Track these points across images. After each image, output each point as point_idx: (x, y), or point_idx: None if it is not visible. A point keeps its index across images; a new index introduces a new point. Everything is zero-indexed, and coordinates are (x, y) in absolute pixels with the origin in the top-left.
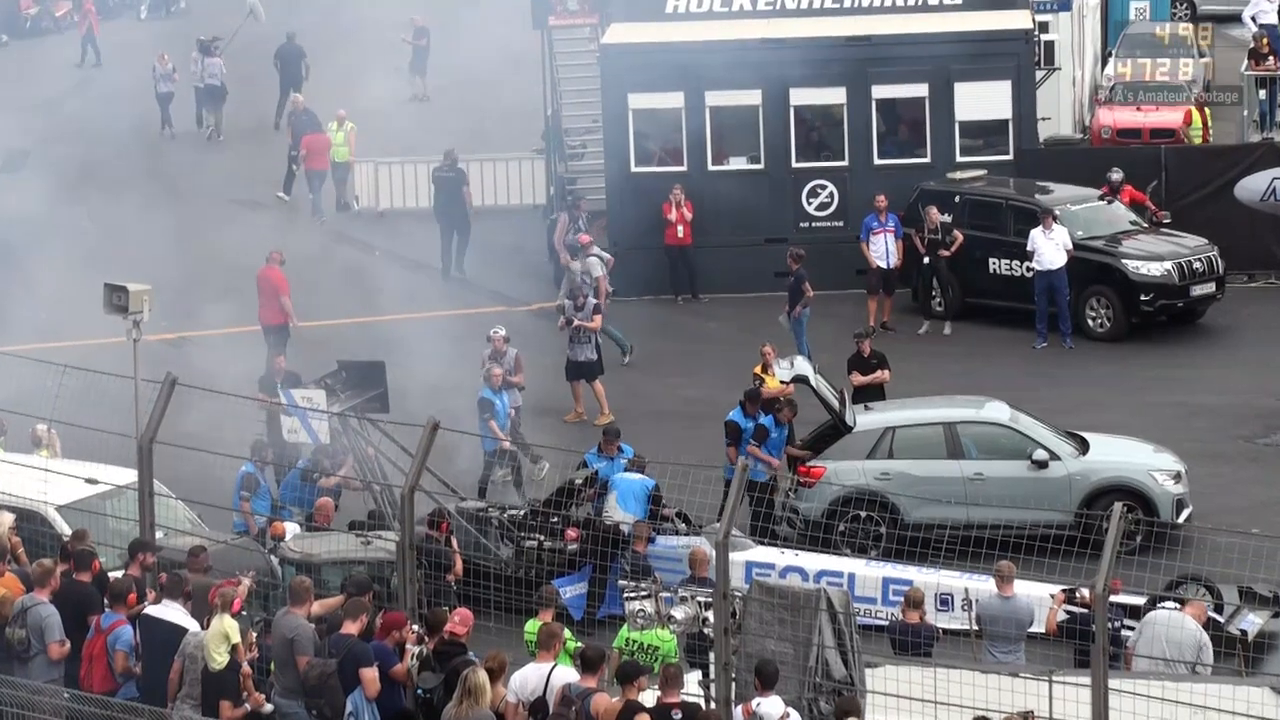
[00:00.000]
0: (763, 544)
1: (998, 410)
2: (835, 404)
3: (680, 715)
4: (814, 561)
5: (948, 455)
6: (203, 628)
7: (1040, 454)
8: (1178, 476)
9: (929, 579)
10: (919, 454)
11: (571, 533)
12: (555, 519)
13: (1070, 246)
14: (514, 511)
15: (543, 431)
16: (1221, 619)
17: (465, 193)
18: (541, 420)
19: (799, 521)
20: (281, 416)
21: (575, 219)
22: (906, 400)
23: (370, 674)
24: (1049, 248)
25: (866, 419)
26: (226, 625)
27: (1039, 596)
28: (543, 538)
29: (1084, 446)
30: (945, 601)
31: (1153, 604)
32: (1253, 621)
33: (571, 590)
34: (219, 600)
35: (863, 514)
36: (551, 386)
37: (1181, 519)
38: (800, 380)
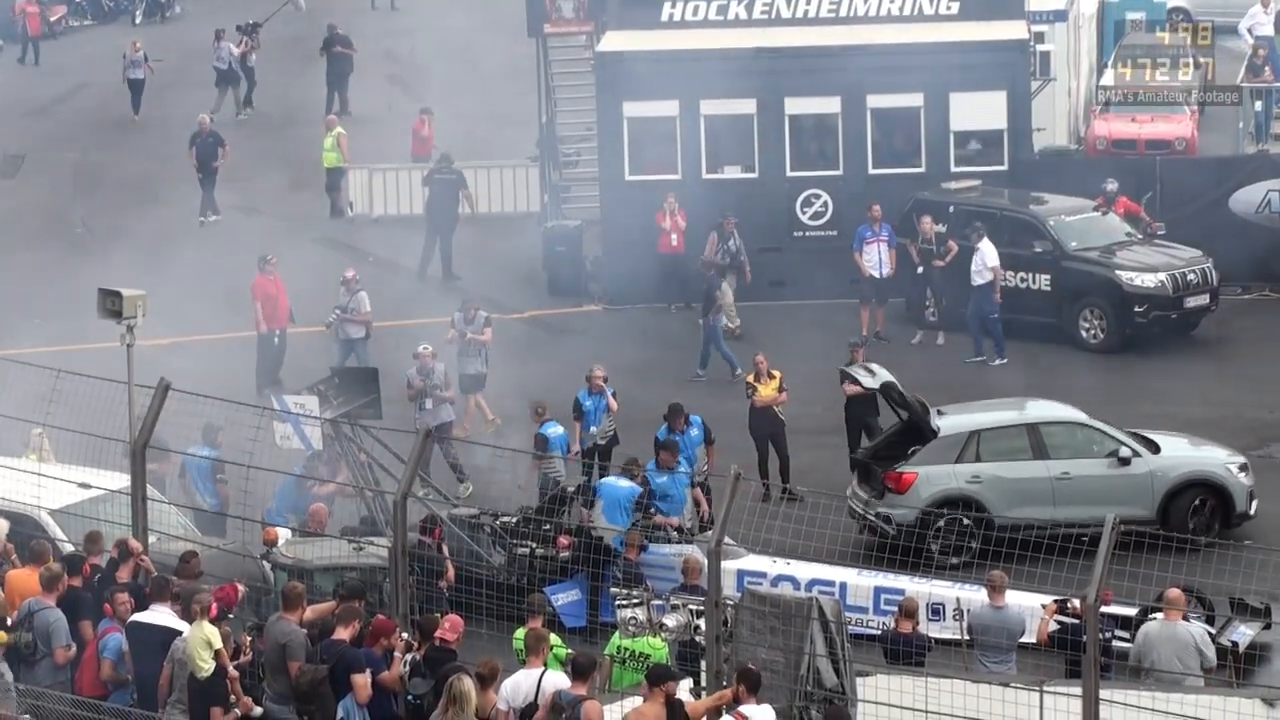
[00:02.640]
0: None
1: (1072, 410)
2: (920, 410)
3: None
4: (805, 570)
5: (1033, 456)
6: None
7: (1125, 451)
8: (1244, 468)
9: (920, 588)
10: (1006, 456)
11: (564, 540)
12: (547, 526)
13: (996, 264)
14: (506, 518)
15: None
16: (1210, 629)
17: (464, 195)
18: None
19: (892, 529)
20: (274, 422)
21: (725, 237)
22: (975, 404)
23: (362, 680)
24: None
25: (947, 423)
26: (206, 631)
27: (1030, 606)
28: (535, 544)
29: (1152, 444)
30: (936, 611)
31: (1144, 615)
32: (1244, 633)
33: (563, 598)
34: (196, 606)
35: (959, 517)
36: (540, 393)
37: (1253, 510)
38: (888, 387)
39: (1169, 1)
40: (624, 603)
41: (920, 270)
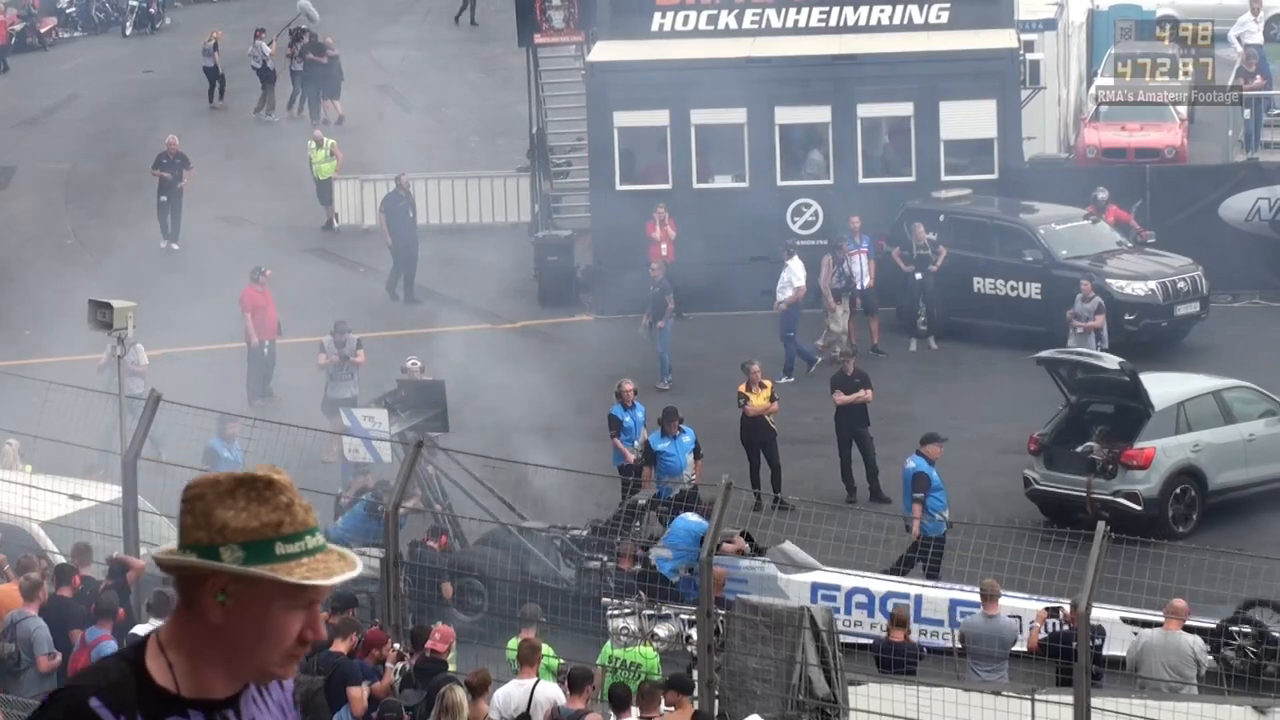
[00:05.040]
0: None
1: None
2: (1142, 388)
3: None
4: (879, 584)
5: (1224, 421)
6: None
7: None
8: None
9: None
10: (1208, 423)
11: (625, 562)
12: (618, 540)
13: (801, 284)
14: (576, 532)
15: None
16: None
17: (381, 220)
18: (544, 437)
19: (1139, 505)
20: (343, 437)
21: (840, 260)
22: (1146, 377)
23: (358, 693)
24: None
25: (1155, 397)
26: None
27: (1024, 608)
28: (605, 558)
29: None
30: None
31: (1229, 626)
32: None
33: None
34: None
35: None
36: (540, 404)
37: None
38: (1130, 371)
39: (1158, 10)
40: (616, 612)
41: (919, 277)
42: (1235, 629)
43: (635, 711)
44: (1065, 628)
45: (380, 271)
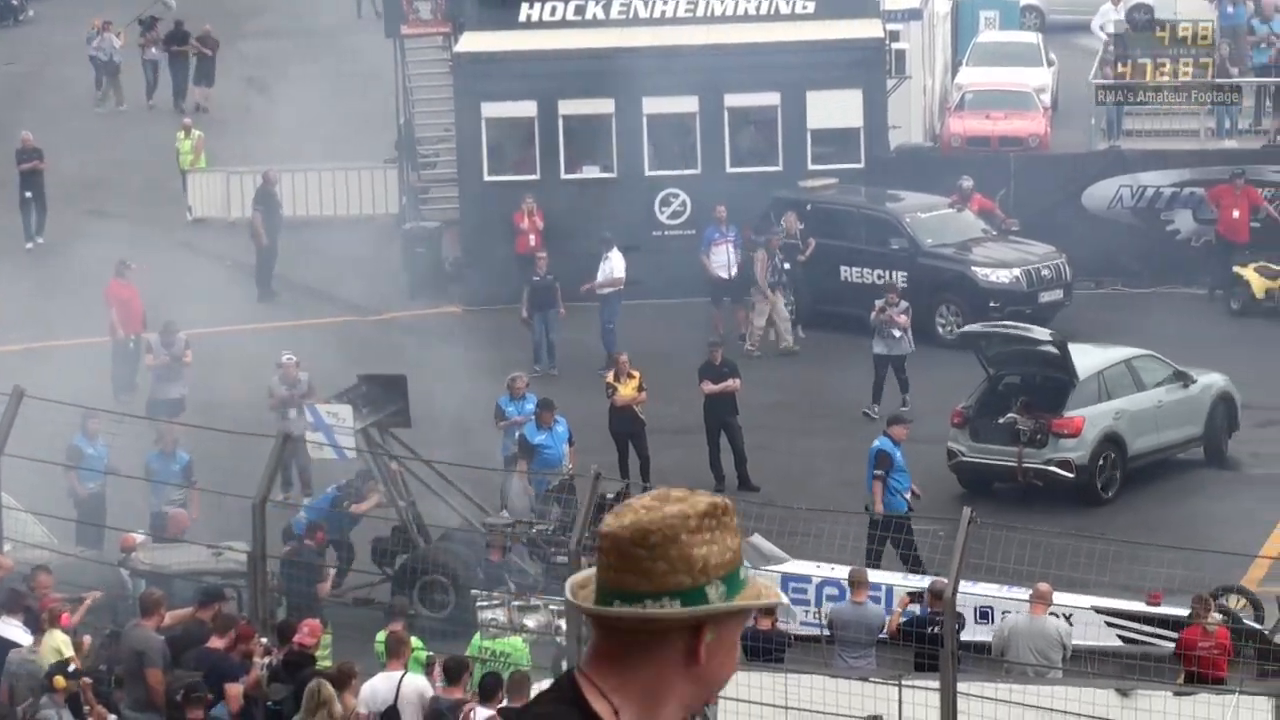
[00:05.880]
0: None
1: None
2: (1070, 358)
3: None
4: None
5: (1137, 389)
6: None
7: (1192, 377)
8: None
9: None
10: (1124, 391)
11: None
12: (587, 535)
13: (621, 275)
14: (542, 527)
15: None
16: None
17: (255, 219)
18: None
19: (1071, 473)
20: (306, 433)
21: (773, 254)
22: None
23: (235, 690)
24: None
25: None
26: (58, 640)
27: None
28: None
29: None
30: (985, 615)
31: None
32: None
33: None
34: (46, 615)
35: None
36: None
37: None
38: (1061, 342)
39: (1021, 0)
40: (485, 604)
41: (787, 267)
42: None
43: (506, 700)
44: (928, 612)
45: (248, 265)
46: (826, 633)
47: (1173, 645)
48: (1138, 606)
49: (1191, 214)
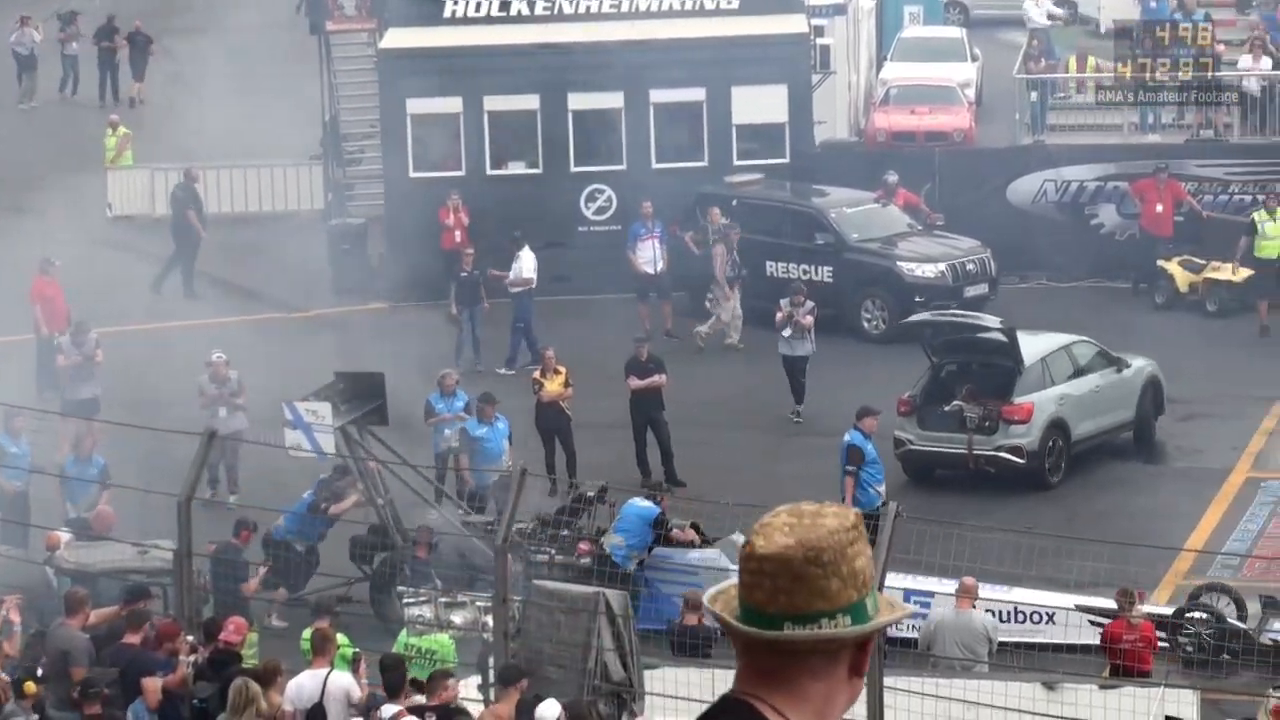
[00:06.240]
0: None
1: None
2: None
3: (435, 718)
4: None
5: (1075, 374)
6: None
7: (1127, 361)
8: None
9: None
10: (1065, 377)
11: (584, 546)
12: (566, 532)
13: (530, 275)
14: (521, 525)
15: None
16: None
17: (188, 215)
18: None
19: (1023, 456)
20: (284, 430)
21: (731, 249)
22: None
23: (152, 684)
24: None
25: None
26: None
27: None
28: (554, 551)
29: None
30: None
31: (1180, 614)
32: (1278, 629)
33: None
34: None
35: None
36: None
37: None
38: (1009, 330)
39: None
40: (411, 600)
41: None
42: (1191, 615)
43: (416, 697)
44: None
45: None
46: None
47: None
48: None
49: (1115, 208)
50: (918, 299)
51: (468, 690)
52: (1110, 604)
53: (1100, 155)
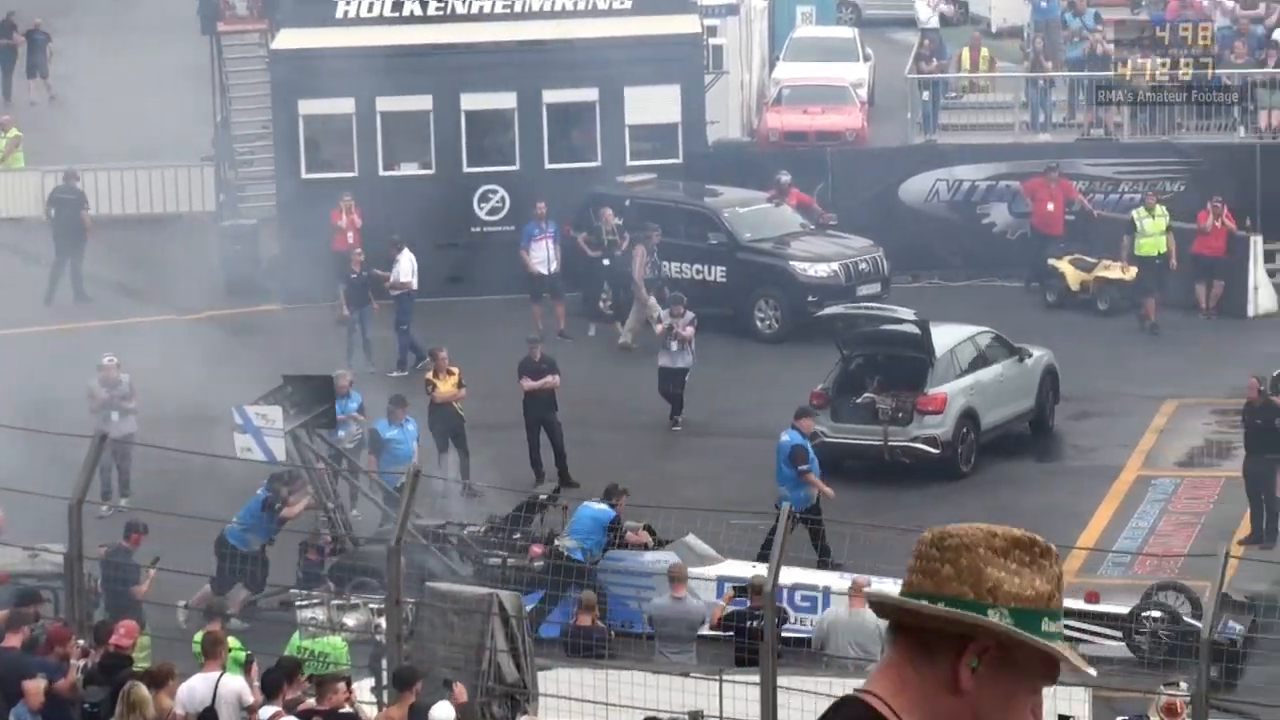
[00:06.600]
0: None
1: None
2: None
3: None
4: (787, 576)
5: (983, 364)
6: None
7: (1028, 351)
8: None
9: (891, 588)
10: (974, 367)
11: (536, 549)
12: (518, 535)
13: (408, 279)
14: (473, 528)
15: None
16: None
17: (83, 215)
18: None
19: (938, 446)
20: (234, 435)
21: (651, 250)
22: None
23: (34, 686)
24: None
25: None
26: None
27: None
28: (506, 554)
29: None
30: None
31: (1135, 614)
32: (1235, 629)
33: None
34: None
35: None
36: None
37: None
38: (923, 322)
39: None
40: (304, 603)
41: (606, 263)
42: (1146, 615)
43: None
44: (747, 606)
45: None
46: (649, 630)
47: (1112, 642)
48: (1076, 605)
49: (1007, 207)
50: (810, 298)
51: (362, 693)
52: (1071, 604)
53: (992, 155)
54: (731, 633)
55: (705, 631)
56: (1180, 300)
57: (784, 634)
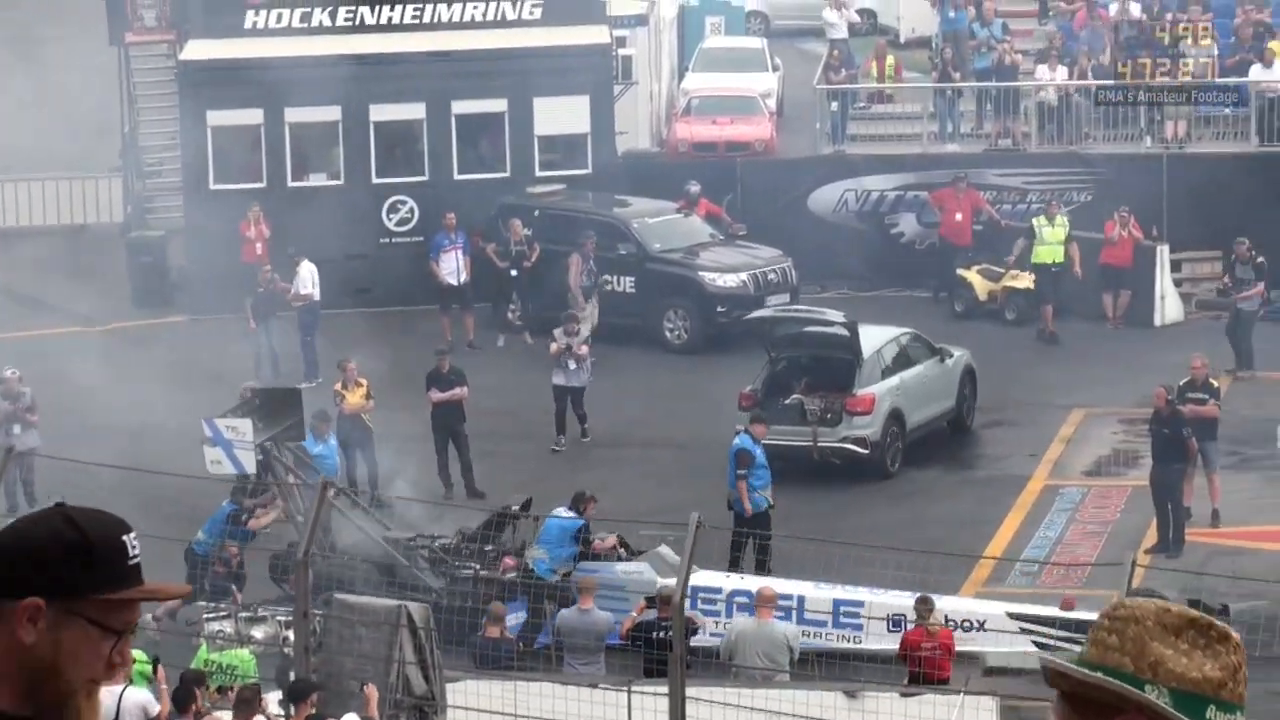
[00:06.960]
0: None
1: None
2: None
3: None
4: (759, 584)
5: (907, 365)
6: None
7: (949, 351)
8: None
9: (876, 599)
10: (899, 367)
11: (509, 560)
12: (490, 547)
13: (309, 290)
14: (444, 540)
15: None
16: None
17: None
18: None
19: (866, 450)
20: (204, 448)
21: (587, 258)
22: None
23: None
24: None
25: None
26: None
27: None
28: (478, 566)
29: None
30: (897, 623)
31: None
32: None
33: (514, 619)
34: None
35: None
36: (143, 408)
37: None
38: (852, 325)
39: (746, 5)
40: (211, 615)
41: (514, 274)
42: None
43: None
44: (657, 618)
45: None
46: (555, 640)
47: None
48: (1051, 611)
49: (915, 217)
50: (719, 309)
51: (270, 706)
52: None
53: (900, 165)
54: (640, 644)
55: (616, 642)
56: (1087, 310)
57: (692, 644)
